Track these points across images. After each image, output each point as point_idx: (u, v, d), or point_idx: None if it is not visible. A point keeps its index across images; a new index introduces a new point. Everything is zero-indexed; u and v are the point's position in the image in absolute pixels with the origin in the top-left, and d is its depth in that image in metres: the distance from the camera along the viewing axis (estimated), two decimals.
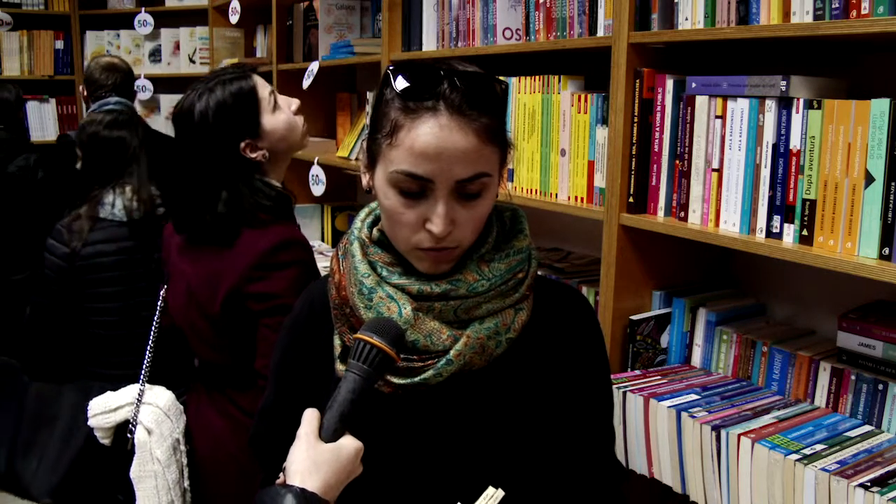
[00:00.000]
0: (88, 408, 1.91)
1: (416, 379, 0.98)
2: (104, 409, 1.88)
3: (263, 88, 1.68)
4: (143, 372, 1.90)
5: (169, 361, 2.08)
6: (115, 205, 2.22)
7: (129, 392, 1.92)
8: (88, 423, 1.90)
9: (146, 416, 1.86)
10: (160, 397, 1.90)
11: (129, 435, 1.85)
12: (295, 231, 1.69)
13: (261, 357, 1.64)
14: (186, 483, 1.87)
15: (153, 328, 1.92)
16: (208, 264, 1.65)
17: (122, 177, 2.26)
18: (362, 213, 1.09)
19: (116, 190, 2.25)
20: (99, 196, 2.24)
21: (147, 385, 1.88)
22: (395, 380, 0.98)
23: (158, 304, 1.90)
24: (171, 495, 1.82)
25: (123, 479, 1.91)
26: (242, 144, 1.62)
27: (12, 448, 2.28)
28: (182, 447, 1.86)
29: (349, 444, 0.93)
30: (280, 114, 1.69)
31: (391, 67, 0.97)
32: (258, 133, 1.64)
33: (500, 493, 0.98)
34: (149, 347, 1.92)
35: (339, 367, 1.04)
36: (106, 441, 1.90)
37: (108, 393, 1.92)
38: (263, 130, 1.65)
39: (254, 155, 1.64)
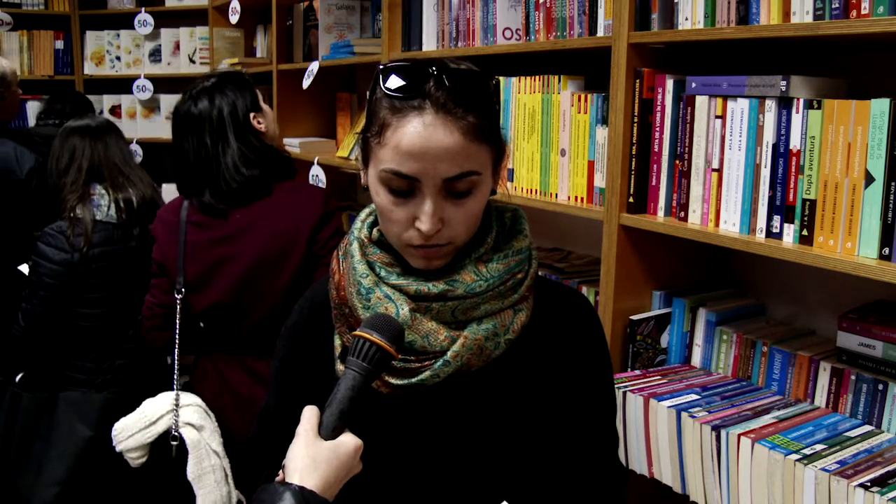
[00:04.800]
0: (116, 431, 1.87)
1: (414, 380, 0.98)
2: (144, 425, 1.86)
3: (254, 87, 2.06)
4: (175, 377, 1.91)
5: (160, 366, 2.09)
6: (111, 207, 2.23)
7: (162, 402, 1.90)
8: (119, 447, 1.86)
9: (191, 416, 1.86)
10: (193, 398, 1.91)
11: (172, 442, 1.84)
12: None
13: None
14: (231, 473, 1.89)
15: (176, 333, 1.92)
16: (268, 227, 1.89)
17: (102, 177, 2.27)
18: (363, 214, 1.09)
19: (110, 192, 2.25)
20: (90, 197, 2.23)
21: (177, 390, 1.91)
22: (393, 380, 0.98)
23: (176, 310, 1.92)
24: (230, 484, 1.84)
25: (167, 489, 1.88)
26: (252, 114, 1.97)
27: (5, 463, 2.26)
28: (221, 438, 1.89)
29: (348, 441, 0.92)
30: (266, 105, 2.08)
31: (381, 66, 0.97)
32: (260, 109, 2.01)
33: None
34: (175, 352, 1.93)
35: (340, 367, 1.04)
36: (141, 461, 1.87)
37: (138, 410, 1.90)
38: (263, 110, 2.03)
39: (260, 126, 1.98)
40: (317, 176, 2.88)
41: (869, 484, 1.15)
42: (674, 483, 1.45)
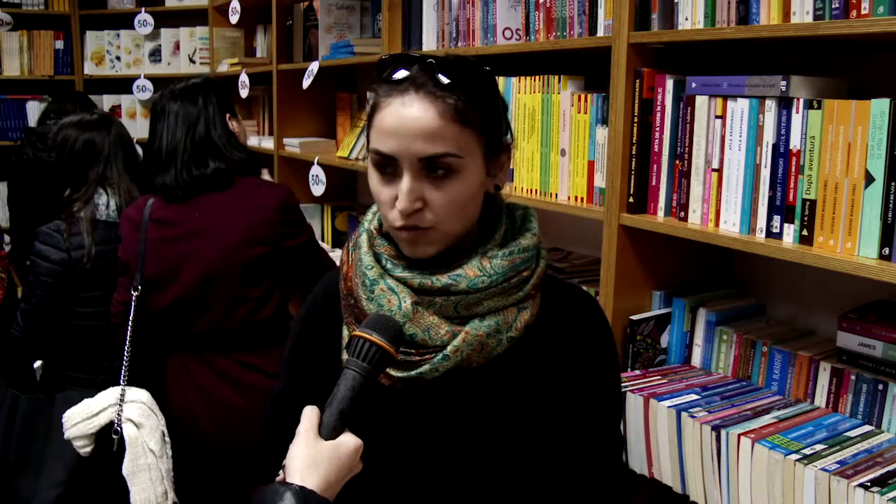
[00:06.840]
0: (65, 419, 1.91)
1: (413, 373, 0.98)
2: (86, 416, 1.90)
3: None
4: (122, 373, 1.95)
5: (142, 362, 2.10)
6: (109, 205, 2.22)
7: (108, 395, 1.95)
8: (66, 434, 1.90)
9: (133, 413, 1.90)
10: (141, 395, 1.95)
11: (114, 436, 1.89)
12: None
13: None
14: (171, 474, 1.93)
15: (129, 330, 1.96)
16: (229, 223, 1.90)
17: (104, 177, 2.25)
18: (375, 206, 1.09)
19: (108, 190, 2.23)
20: (89, 197, 2.22)
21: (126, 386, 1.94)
22: (392, 372, 0.99)
23: (132, 307, 1.96)
24: (165, 484, 1.88)
25: (109, 482, 1.91)
26: (228, 115, 2.04)
27: (5, 465, 2.26)
28: (167, 439, 1.92)
29: (349, 441, 0.93)
30: (239, 118, 2.14)
31: (381, 57, 1.00)
32: (235, 115, 2.10)
33: None
34: (126, 349, 1.97)
35: (346, 356, 1.04)
36: (87, 449, 1.91)
37: (86, 400, 1.95)
38: (238, 118, 2.10)
39: (235, 128, 2.06)
40: (317, 176, 2.88)
41: (869, 484, 1.15)
42: (674, 483, 1.45)
